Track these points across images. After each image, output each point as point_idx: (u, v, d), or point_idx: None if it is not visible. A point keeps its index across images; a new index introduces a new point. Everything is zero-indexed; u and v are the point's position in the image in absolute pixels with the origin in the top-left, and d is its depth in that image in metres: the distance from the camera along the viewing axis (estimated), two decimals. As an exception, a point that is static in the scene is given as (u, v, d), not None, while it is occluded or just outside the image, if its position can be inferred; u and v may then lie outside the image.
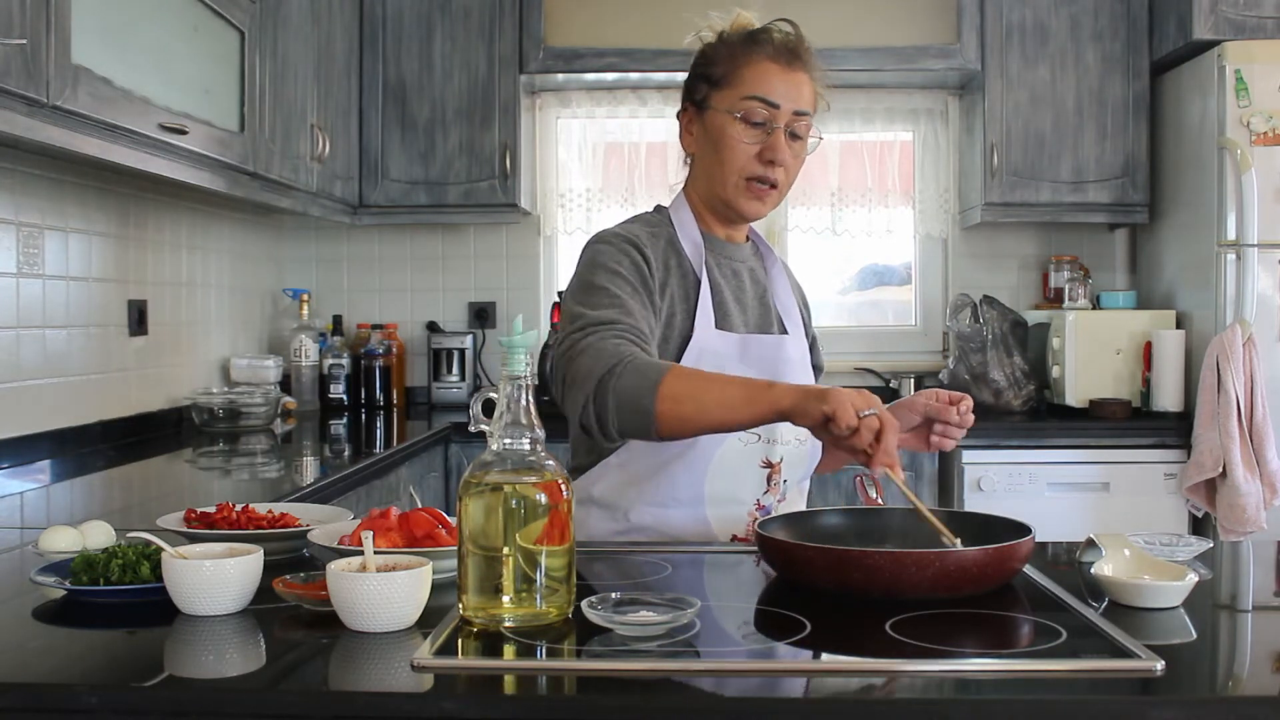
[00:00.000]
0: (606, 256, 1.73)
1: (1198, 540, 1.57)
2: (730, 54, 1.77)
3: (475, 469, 1.21)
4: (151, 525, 1.52)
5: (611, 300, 1.66)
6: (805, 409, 1.46)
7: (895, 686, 1.05)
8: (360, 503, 2.59)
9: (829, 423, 1.43)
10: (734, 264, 1.85)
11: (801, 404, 1.46)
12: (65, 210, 2.74)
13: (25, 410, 2.58)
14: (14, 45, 1.80)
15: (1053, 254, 4.14)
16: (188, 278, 3.42)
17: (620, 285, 1.69)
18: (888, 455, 1.42)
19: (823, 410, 1.43)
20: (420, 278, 4.27)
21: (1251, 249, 3.36)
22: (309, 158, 3.27)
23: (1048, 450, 3.51)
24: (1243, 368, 3.31)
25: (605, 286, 1.68)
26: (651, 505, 1.74)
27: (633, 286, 1.70)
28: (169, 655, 1.15)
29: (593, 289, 1.69)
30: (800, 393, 1.48)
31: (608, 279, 1.69)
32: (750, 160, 1.75)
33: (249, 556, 1.26)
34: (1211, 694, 1.08)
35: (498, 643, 1.16)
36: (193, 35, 2.53)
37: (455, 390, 4.12)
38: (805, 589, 1.36)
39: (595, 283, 1.69)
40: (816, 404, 1.44)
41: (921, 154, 4.19)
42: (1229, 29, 3.45)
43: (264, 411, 3.33)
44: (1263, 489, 3.29)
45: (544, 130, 4.21)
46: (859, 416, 1.42)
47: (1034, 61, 3.82)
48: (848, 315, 4.38)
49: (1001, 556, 1.33)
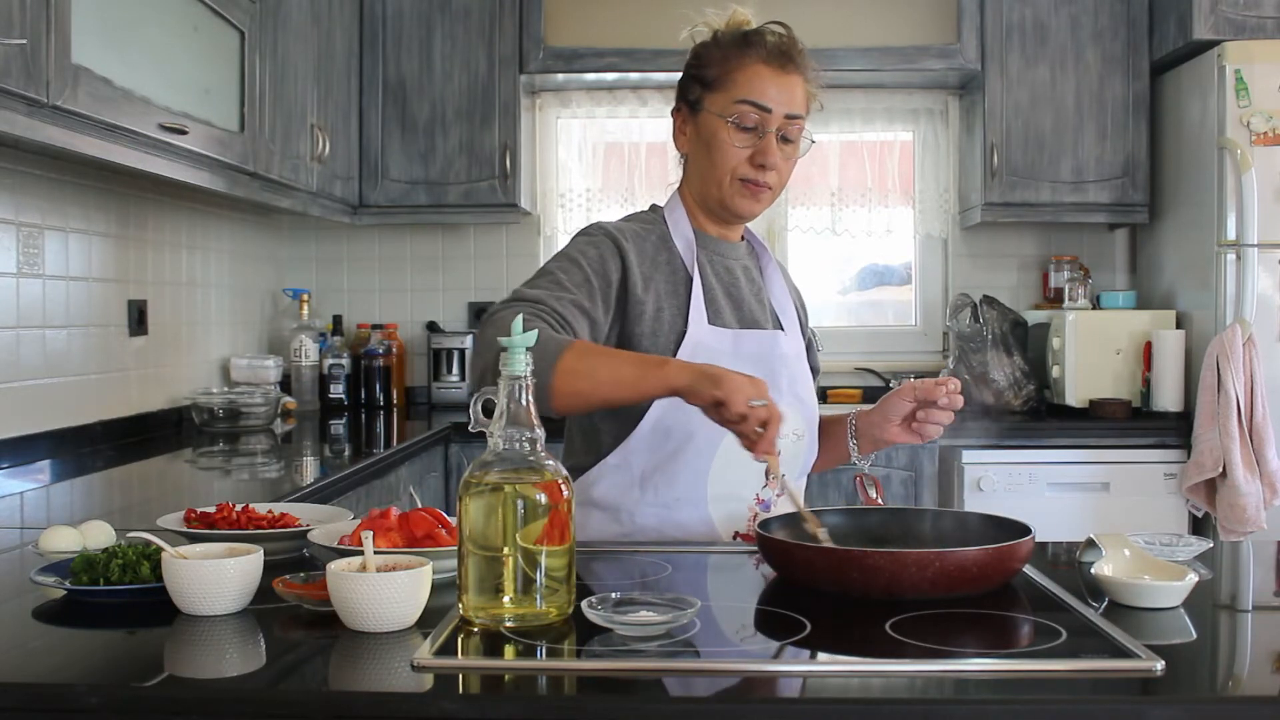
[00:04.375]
0: (575, 246, 1.77)
1: (1198, 540, 1.57)
2: (723, 56, 1.77)
3: (475, 469, 1.21)
4: (151, 525, 1.52)
5: (550, 282, 1.69)
6: (697, 389, 1.48)
7: (895, 686, 1.05)
8: (360, 503, 2.59)
9: (719, 406, 1.46)
10: (727, 261, 1.86)
11: (694, 383, 1.48)
12: (65, 210, 2.74)
13: (25, 410, 2.58)
14: (14, 45, 1.80)
15: (1053, 254, 4.14)
16: (188, 278, 3.43)
17: (570, 273, 1.71)
18: (768, 445, 1.45)
19: (714, 394, 1.46)
20: (420, 278, 4.27)
21: (1251, 249, 3.36)
22: (309, 158, 3.27)
23: (1048, 450, 3.51)
24: (1243, 368, 3.31)
25: (553, 272, 1.72)
26: (655, 506, 1.74)
27: (584, 275, 1.71)
28: (169, 655, 1.15)
29: (542, 273, 1.73)
30: (695, 373, 1.50)
31: (561, 265, 1.73)
32: (742, 164, 1.76)
33: (249, 556, 1.26)
34: (1211, 694, 1.08)
35: (498, 643, 1.16)
36: (193, 35, 2.53)
37: (455, 390, 4.12)
38: (805, 589, 1.36)
39: (548, 267, 1.74)
40: (710, 386, 1.46)
41: (921, 154, 4.19)
42: (1229, 29, 3.45)
43: (264, 411, 3.33)
44: (1263, 489, 3.29)
45: (544, 130, 4.21)
46: (749, 405, 1.44)
47: (1034, 61, 3.82)
48: (848, 315, 4.38)
49: (1001, 556, 1.33)
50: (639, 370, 1.55)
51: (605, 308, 1.72)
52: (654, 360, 1.58)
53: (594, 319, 1.70)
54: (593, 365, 1.55)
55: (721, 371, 1.47)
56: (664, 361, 1.56)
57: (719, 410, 1.46)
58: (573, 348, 1.55)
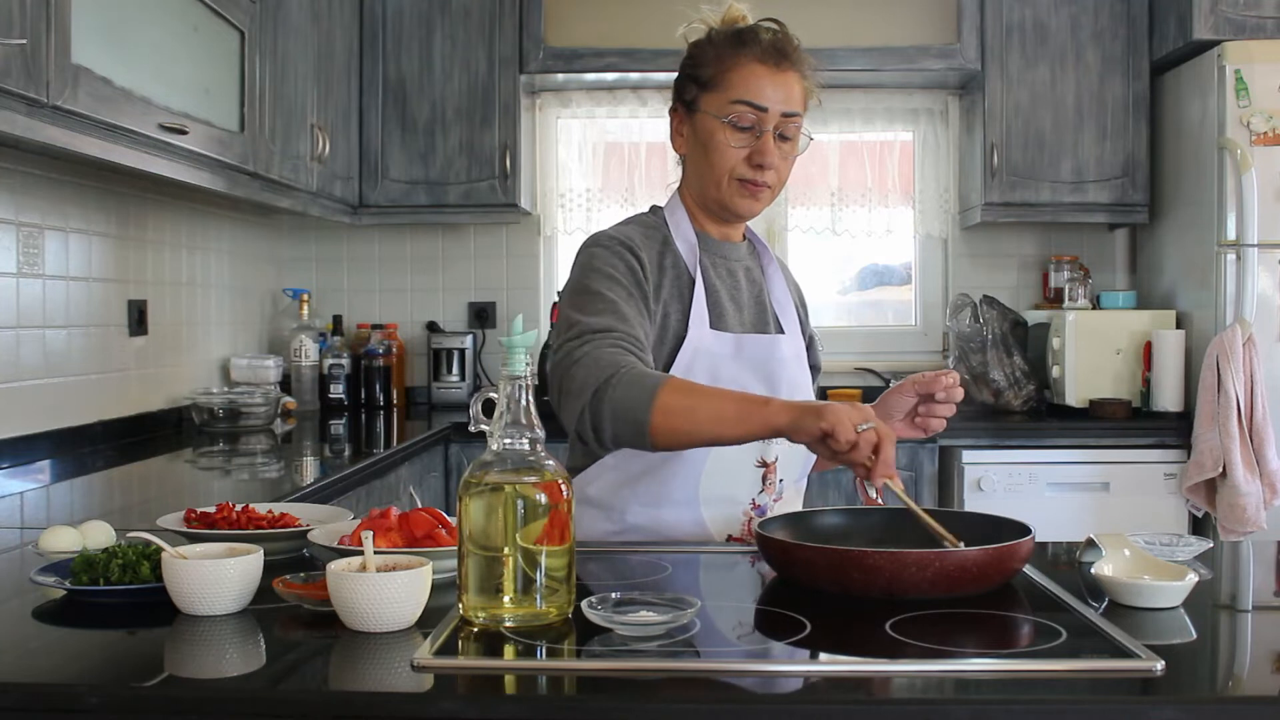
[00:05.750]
0: (601, 260, 1.73)
1: (1198, 540, 1.57)
2: (717, 55, 1.76)
3: (475, 469, 1.21)
4: (151, 525, 1.52)
5: (607, 306, 1.66)
6: (802, 425, 1.46)
7: (895, 686, 1.05)
8: (360, 503, 2.59)
9: (827, 439, 1.44)
10: (729, 263, 1.85)
11: (798, 421, 1.47)
12: (65, 210, 2.74)
13: (25, 410, 2.58)
14: (14, 45, 1.80)
15: (1053, 254, 4.14)
16: (188, 278, 3.43)
17: (615, 290, 1.69)
18: (886, 467, 1.44)
19: (820, 427, 1.44)
20: (420, 278, 4.27)
21: (1251, 249, 3.36)
22: (309, 158, 3.27)
23: (1048, 450, 3.51)
24: (1243, 368, 3.31)
25: (600, 292, 1.68)
26: (646, 506, 1.74)
27: (627, 291, 1.70)
28: (169, 655, 1.15)
29: (588, 294, 1.69)
30: (797, 410, 1.48)
31: (603, 284, 1.69)
32: (739, 164, 1.75)
33: (249, 556, 1.26)
34: (1211, 694, 1.08)
35: (498, 643, 1.16)
36: (193, 35, 2.53)
37: (455, 390, 4.12)
38: (805, 589, 1.36)
39: (591, 288, 1.69)
40: (814, 420, 1.45)
41: (921, 154, 4.19)
42: (1229, 29, 3.45)
43: (264, 411, 3.33)
44: (1263, 489, 3.29)
45: (544, 130, 4.21)
46: (857, 431, 1.43)
47: (1034, 61, 3.82)
48: (848, 315, 4.38)
49: (1001, 556, 1.33)
50: (741, 410, 1.52)
51: (650, 317, 1.72)
52: (756, 400, 1.54)
53: (650, 334, 1.71)
54: (692, 404, 1.53)
55: (822, 405, 1.46)
56: (766, 401, 1.53)
57: (828, 443, 1.45)
58: (669, 385, 1.54)
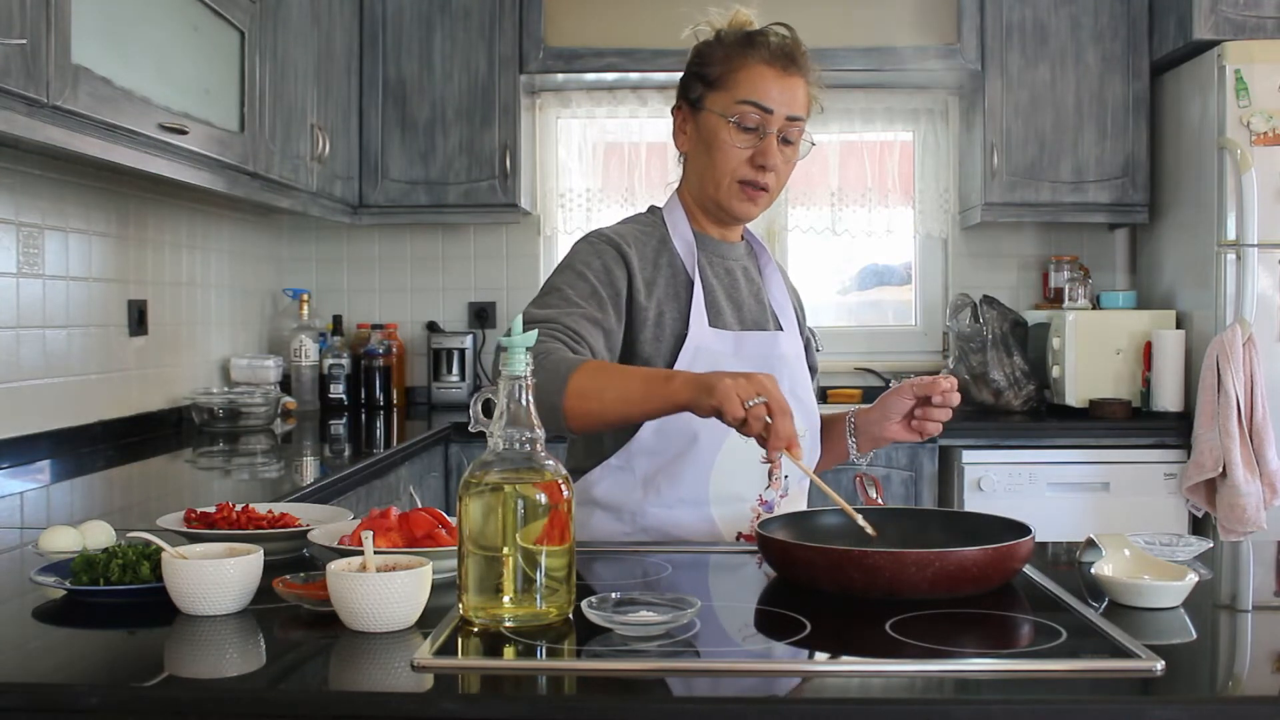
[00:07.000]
0: (577, 257, 1.75)
1: (1198, 540, 1.57)
2: (726, 55, 1.77)
3: (475, 469, 1.21)
4: (151, 525, 1.52)
5: (559, 299, 1.68)
6: (698, 403, 1.44)
7: (895, 686, 1.05)
8: (360, 503, 2.59)
9: (718, 414, 1.42)
10: (727, 263, 1.86)
11: (695, 397, 1.44)
12: (65, 210, 2.74)
13: (25, 410, 2.58)
14: (14, 45, 1.80)
15: (1053, 254, 4.14)
16: (188, 278, 3.42)
17: (577, 286, 1.70)
18: (779, 439, 1.39)
19: (710, 404, 1.42)
20: (420, 278, 4.27)
21: (1251, 249, 3.36)
22: (309, 158, 3.27)
23: (1048, 450, 3.51)
24: (1243, 368, 3.31)
25: (559, 287, 1.71)
26: (658, 507, 1.74)
27: (591, 287, 1.70)
28: (169, 655, 1.15)
29: (549, 289, 1.72)
30: (695, 387, 1.45)
31: (568, 279, 1.72)
32: (742, 164, 1.76)
33: (249, 556, 1.26)
34: (1211, 694, 1.08)
35: (498, 643, 1.16)
36: (193, 35, 2.53)
37: (455, 390, 4.12)
38: (805, 589, 1.36)
39: (554, 283, 1.72)
40: (706, 398, 1.42)
41: (921, 154, 4.19)
42: (1229, 29, 3.45)
43: (264, 411, 3.33)
44: (1263, 489, 3.29)
45: (544, 130, 4.21)
46: (745, 407, 1.39)
47: (1034, 61, 3.82)
48: (848, 315, 4.38)
49: (1001, 556, 1.33)
50: (645, 388, 1.51)
51: (617, 316, 1.72)
52: (660, 376, 1.52)
53: (607, 329, 1.69)
54: (602, 385, 1.52)
55: (714, 379, 1.43)
56: (669, 377, 1.50)
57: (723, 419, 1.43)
58: (583, 368, 1.53)
